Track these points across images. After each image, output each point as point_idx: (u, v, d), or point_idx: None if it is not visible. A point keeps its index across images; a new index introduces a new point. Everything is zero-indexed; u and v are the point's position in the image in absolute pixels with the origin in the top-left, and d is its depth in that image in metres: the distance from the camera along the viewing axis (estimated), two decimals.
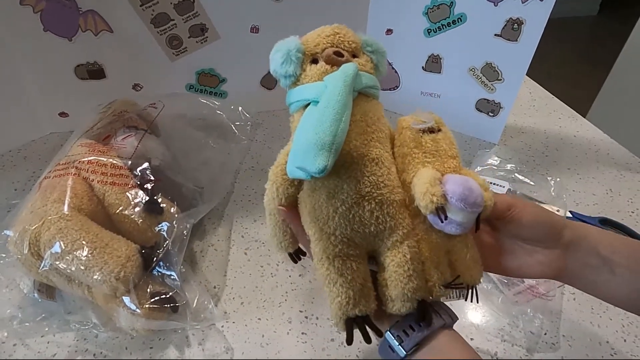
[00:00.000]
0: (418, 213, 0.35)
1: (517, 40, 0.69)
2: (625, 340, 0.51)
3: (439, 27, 0.75)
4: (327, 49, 0.39)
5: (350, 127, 0.34)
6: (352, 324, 0.35)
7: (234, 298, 0.55)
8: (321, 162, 0.31)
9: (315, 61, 0.39)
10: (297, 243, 0.42)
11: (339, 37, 0.40)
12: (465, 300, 0.38)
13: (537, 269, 0.39)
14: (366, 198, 0.34)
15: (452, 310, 0.38)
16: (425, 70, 0.80)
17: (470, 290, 0.38)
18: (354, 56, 0.40)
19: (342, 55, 0.38)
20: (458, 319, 0.38)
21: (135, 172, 0.55)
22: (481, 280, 0.38)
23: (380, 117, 0.38)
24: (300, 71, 0.39)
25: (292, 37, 0.40)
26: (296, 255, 0.42)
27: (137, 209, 0.52)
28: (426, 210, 0.33)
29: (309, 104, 0.37)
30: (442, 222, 0.34)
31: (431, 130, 0.38)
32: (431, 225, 0.36)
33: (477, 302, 0.38)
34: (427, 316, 0.35)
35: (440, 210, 0.33)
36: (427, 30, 0.76)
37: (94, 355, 0.49)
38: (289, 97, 0.40)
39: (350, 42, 0.40)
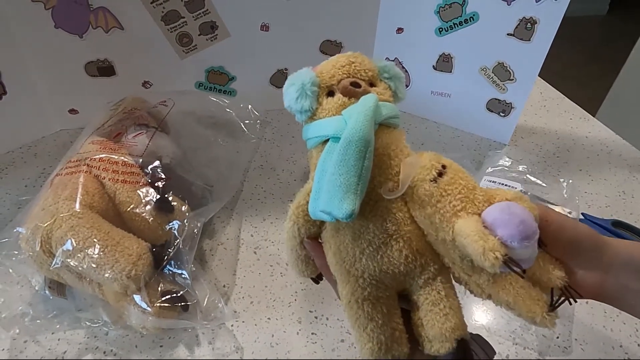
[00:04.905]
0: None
1: (530, 40, 0.68)
2: (639, 345, 0.50)
3: (450, 26, 0.74)
4: (344, 80, 0.36)
5: (373, 162, 0.32)
6: None
7: (243, 297, 0.55)
8: (348, 207, 0.29)
9: (331, 93, 0.37)
10: None
11: (355, 66, 0.37)
12: (570, 304, 0.33)
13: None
14: (394, 237, 0.32)
15: (490, 344, 0.36)
16: (436, 70, 0.80)
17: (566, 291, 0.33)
18: (371, 85, 0.38)
19: (359, 86, 0.36)
20: (496, 353, 0.36)
21: (146, 170, 0.55)
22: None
23: (402, 148, 0.36)
24: (317, 105, 0.37)
25: (305, 69, 0.38)
26: (318, 277, 0.40)
27: (148, 207, 0.52)
28: (494, 269, 0.30)
29: (327, 140, 0.35)
30: (514, 270, 0.30)
31: (439, 174, 0.34)
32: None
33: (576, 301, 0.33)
34: (468, 355, 0.33)
35: (510, 262, 0.29)
36: (439, 29, 0.75)
37: (104, 353, 0.49)
38: (305, 132, 0.38)
39: (367, 71, 0.38)
